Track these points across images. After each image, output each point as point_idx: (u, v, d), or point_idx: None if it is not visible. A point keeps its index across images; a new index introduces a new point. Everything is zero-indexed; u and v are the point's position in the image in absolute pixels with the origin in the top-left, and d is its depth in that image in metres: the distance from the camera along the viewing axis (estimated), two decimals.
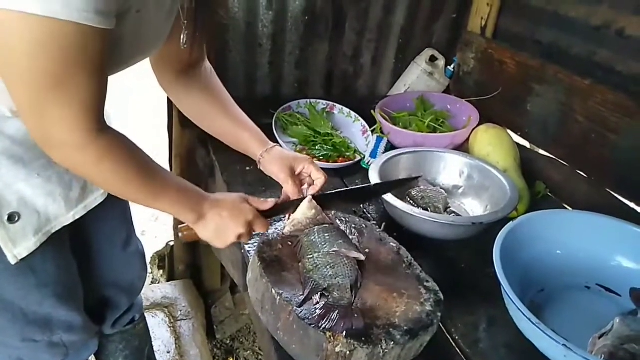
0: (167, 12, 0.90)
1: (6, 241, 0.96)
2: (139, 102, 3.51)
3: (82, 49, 0.68)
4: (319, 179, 1.07)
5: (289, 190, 1.06)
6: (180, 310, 2.05)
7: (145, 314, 1.60)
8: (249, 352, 2.14)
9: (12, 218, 0.96)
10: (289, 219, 1.05)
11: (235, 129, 1.12)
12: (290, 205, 1.05)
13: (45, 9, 0.62)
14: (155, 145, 1.97)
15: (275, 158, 1.09)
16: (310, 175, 1.08)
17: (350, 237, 1.06)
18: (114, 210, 1.26)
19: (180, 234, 1.02)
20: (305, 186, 1.09)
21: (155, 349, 1.69)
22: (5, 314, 1.05)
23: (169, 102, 1.78)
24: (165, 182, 0.90)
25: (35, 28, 0.64)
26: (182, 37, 0.94)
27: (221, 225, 0.95)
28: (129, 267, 1.39)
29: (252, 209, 0.97)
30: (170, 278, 2.26)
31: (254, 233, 1.00)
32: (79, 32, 0.66)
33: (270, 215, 1.02)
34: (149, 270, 2.26)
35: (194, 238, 1.01)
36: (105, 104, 0.79)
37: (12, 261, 0.97)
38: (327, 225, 1.03)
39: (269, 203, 1.01)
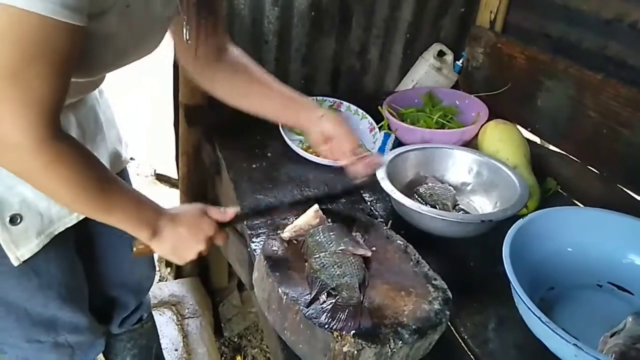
0: (161, 4, 0.87)
1: (8, 243, 0.95)
2: (138, 102, 3.52)
3: (44, 42, 0.65)
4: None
5: (347, 144, 1.09)
6: (188, 308, 2.06)
7: (153, 312, 1.60)
8: (256, 350, 2.14)
9: (14, 220, 0.95)
10: (291, 223, 1.03)
11: (279, 101, 1.11)
12: (250, 215, 1.03)
13: None
14: (161, 142, 1.97)
15: (332, 119, 1.10)
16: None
17: (354, 233, 1.05)
18: None
19: (134, 249, 0.95)
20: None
21: (162, 347, 1.69)
22: (9, 315, 1.06)
23: (175, 100, 1.77)
24: (118, 196, 0.85)
25: None
26: (184, 31, 0.90)
27: (179, 242, 0.91)
28: (137, 267, 1.39)
29: (211, 222, 0.93)
30: (177, 276, 2.27)
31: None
32: (41, 25, 0.63)
33: (229, 224, 0.98)
34: (157, 268, 2.26)
35: (148, 254, 0.96)
36: (61, 108, 0.74)
37: (15, 263, 0.97)
38: (330, 224, 1.02)
39: (229, 214, 0.97)
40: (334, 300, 0.86)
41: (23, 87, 0.67)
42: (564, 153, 1.61)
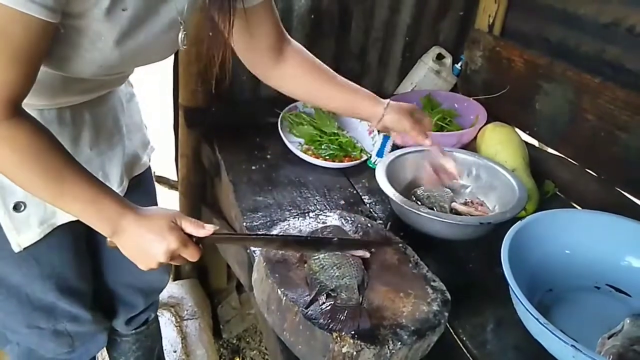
0: (164, 11, 0.86)
1: (10, 229, 0.97)
2: (141, 103, 3.52)
3: (1, 31, 0.66)
4: (427, 121, 1.19)
5: (415, 137, 1.13)
6: (187, 310, 2.05)
7: None
8: (255, 351, 2.14)
9: (17, 207, 0.97)
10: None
11: (344, 94, 1.14)
12: (231, 238, 0.99)
13: None
14: (160, 144, 1.97)
15: (396, 109, 1.14)
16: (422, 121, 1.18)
17: (353, 235, 1.05)
18: None
19: (108, 239, 0.89)
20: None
21: (163, 348, 1.69)
22: (11, 298, 1.08)
23: (174, 101, 1.78)
24: (75, 187, 0.81)
25: None
26: (180, 36, 0.90)
27: (140, 247, 0.85)
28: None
29: (179, 236, 0.85)
30: (176, 277, 2.26)
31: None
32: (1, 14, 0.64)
33: (206, 242, 0.90)
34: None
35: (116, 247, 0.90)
36: (24, 95, 0.75)
37: (16, 249, 0.99)
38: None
39: (205, 230, 0.88)
40: (333, 302, 0.87)
41: None
42: (562, 156, 1.62)
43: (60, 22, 0.72)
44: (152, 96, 3.14)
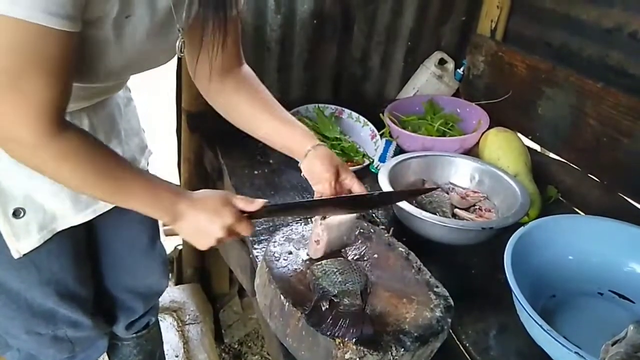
0: (164, 19, 0.87)
1: (9, 235, 0.97)
2: (141, 109, 3.53)
3: (34, 48, 0.67)
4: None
5: (326, 191, 1.01)
6: (189, 314, 2.05)
7: None
8: (257, 356, 2.14)
9: (17, 213, 0.97)
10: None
11: (280, 126, 1.07)
12: (284, 208, 0.98)
13: None
14: (164, 149, 1.98)
15: (323, 155, 1.03)
16: (351, 187, 1.04)
17: (357, 242, 1.05)
18: (132, 216, 1.26)
19: (163, 228, 0.97)
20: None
21: (164, 352, 1.69)
22: (10, 303, 1.07)
23: (177, 105, 1.78)
24: (133, 184, 0.86)
25: None
26: (177, 44, 0.91)
27: (198, 228, 0.90)
28: (149, 273, 1.38)
29: (233, 211, 0.90)
30: (178, 282, 2.26)
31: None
32: (29, 31, 0.65)
33: (257, 216, 0.95)
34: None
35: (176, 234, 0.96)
36: (66, 106, 0.77)
37: (15, 255, 0.99)
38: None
39: (255, 204, 0.92)
40: (335, 308, 0.86)
41: (22, 91, 0.69)
42: (565, 161, 1.62)
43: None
44: (155, 100, 3.15)
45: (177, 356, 1.88)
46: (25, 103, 0.70)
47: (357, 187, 1.03)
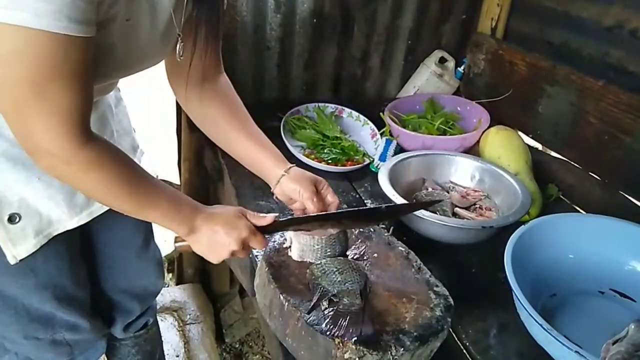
0: (164, 22, 0.88)
1: (5, 241, 0.96)
2: (141, 108, 3.53)
3: (59, 57, 0.67)
4: (334, 203, 1.04)
5: (311, 208, 1.01)
6: (189, 314, 2.05)
7: None
8: (257, 356, 2.14)
9: (12, 219, 0.96)
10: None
11: (252, 147, 1.07)
12: (292, 222, 1.00)
13: (16, 18, 0.62)
14: (164, 148, 1.98)
15: (298, 177, 1.03)
16: (326, 197, 1.04)
17: (357, 241, 1.05)
18: (126, 218, 1.26)
19: (176, 244, 0.98)
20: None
21: (164, 352, 1.69)
22: (7, 309, 1.06)
23: (178, 106, 1.78)
24: (155, 195, 0.88)
25: (8, 37, 0.64)
26: (177, 48, 0.92)
27: (213, 240, 0.92)
28: (144, 274, 1.38)
29: (247, 225, 0.93)
30: (179, 282, 2.27)
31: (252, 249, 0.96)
32: (53, 41, 0.65)
33: (269, 231, 0.97)
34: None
35: (189, 249, 0.97)
36: (90, 112, 0.77)
37: (12, 261, 0.98)
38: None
39: (267, 219, 0.95)
40: (335, 307, 0.86)
41: (49, 100, 0.70)
42: (566, 159, 1.62)
43: None
44: (154, 100, 3.16)
45: (177, 356, 1.88)
46: (54, 111, 0.71)
47: (330, 197, 1.04)
